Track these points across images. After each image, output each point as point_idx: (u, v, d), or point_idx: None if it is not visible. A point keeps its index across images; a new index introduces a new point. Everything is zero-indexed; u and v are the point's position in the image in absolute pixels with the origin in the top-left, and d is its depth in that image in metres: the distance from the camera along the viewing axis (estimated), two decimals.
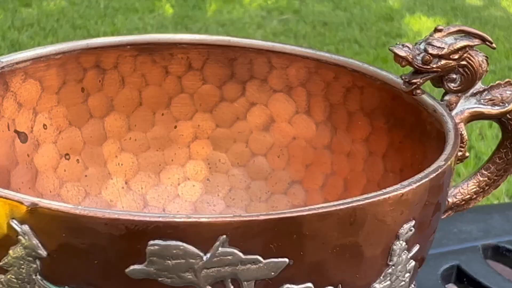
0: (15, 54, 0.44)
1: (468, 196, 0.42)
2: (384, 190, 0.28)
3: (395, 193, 0.28)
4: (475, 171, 0.43)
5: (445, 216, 0.43)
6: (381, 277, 0.30)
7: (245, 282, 0.26)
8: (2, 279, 0.27)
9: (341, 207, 0.26)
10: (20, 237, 0.26)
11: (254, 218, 0.25)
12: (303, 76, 0.49)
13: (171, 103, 0.51)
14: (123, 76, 0.49)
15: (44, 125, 0.47)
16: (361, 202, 0.27)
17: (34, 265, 0.26)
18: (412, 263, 0.31)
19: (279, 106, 0.51)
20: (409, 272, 0.31)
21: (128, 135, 0.51)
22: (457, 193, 0.42)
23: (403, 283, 0.31)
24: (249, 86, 0.51)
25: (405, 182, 0.29)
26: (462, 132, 0.39)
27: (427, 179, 0.29)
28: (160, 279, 0.26)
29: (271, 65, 0.50)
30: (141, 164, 0.51)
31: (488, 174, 0.42)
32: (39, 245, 0.26)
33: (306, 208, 0.26)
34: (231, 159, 0.52)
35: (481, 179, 0.42)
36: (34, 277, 0.27)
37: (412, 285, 0.36)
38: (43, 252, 0.26)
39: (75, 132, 0.48)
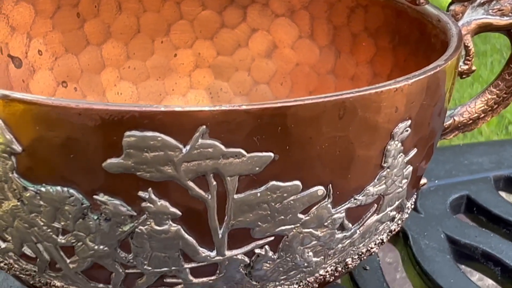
0: None
1: (476, 115, 0.41)
2: (377, 85, 0.26)
3: (388, 87, 0.26)
4: (483, 89, 0.41)
5: (452, 136, 0.41)
6: (376, 180, 0.28)
7: (228, 178, 0.25)
8: None
9: (329, 99, 0.25)
10: None
11: (235, 108, 0.24)
12: None
13: (170, 30, 0.50)
14: (120, 1, 0.48)
15: (39, 50, 0.46)
16: (350, 95, 0.25)
17: (10, 162, 0.25)
18: (410, 168, 0.30)
19: (282, 31, 0.49)
20: (406, 179, 0.30)
21: (127, 64, 0.49)
22: (464, 112, 0.40)
23: (399, 189, 0.30)
24: (250, 11, 0.49)
25: (400, 78, 0.27)
26: (468, 44, 0.37)
27: (424, 75, 0.28)
28: (138, 173, 0.24)
29: None
30: (141, 94, 0.50)
31: (497, 92, 0.40)
32: (14, 140, 0.25)
33: (291, 99, 0.25)
34: (233, 88, 0.51)
35: (489, 97, 0.40)
36: (10, 175, 0.26)
37: (410, 204, 0.34)
38: (17, 148, 0.25)
39: (72, 59, 0.47)
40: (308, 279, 0.30)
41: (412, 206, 0.34)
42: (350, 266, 0.31)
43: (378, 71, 0.44)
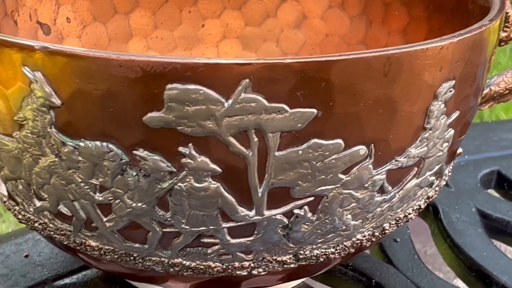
0: None
1: None
2: (423, 42, 0.26)
3: (434, 45, 0.26)
4: None
5: (487, 107, 0.40)
6: (417, 142, 0.28)
7: (270, 134, 0.24)
8: (18, 136, 0.26)
9: (374, 54, 0.24)
10: (33, 85, 0.25)
11: (279, 61, 0.23)
12: None
13: (198, 0, 0.49)
14: None
15: (68, 18, 0.45)
16: (396, 51, 0.25)
17: (49, 116, 0.25)
18: (451, 131, 0.29)
19: (311, 1, 0.48)
20: (447, 142, 0.29)
21: (154, 33, 0.49)
22: (500, 81, 0.39)
23: (440, 153, 0.29)
24: None
25: (446, 36, 0.27)
26: (508, 11, 0.36)
27: (469, 34, 0.27)
28: (179, 127, 0.24)
29: None
30: None
31: None
32: (53, 93, 0.24)
33: (336, 54, 0.24)
34: None
35: None
36: (49, 129, 0.25)
37: (448, 171, 0.34)
38: (56, 101, 0.25)
39: (100, 28, 0.47)
40: (345, 243, 0.30)
41: (450, 174, 0.34)
42: (387, 231, 0.31)
43: (411, 40, 0.43)
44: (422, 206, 0.32)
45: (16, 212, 0.31)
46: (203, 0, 0.49)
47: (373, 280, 0.39)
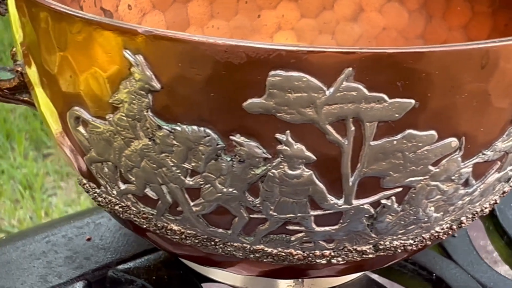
0: None
1: None
2: None
3: None
4: None
5: None
6: (504, 136, 0.28)
7: (367, 123, 0.24)
8: (111, 119, 0.27)
9: (474, 46, 0.24)
10: (133, 69, 0.25)
11: (382, 51, 0.23)
12: None
13: None
14: None
15: (129, 5, 0.45)
16: (494, 44, 0.25)
17: (146, 100, 0.25)
18: None
19: None
20: None
21: (211, 23, 0.49)
22: None
23: None
24: None
25: None
26: None
27: None
28: (278, 114, 0.24)
29: None
30: None
31: None
32: (153, 77, 0.25)
33: (437, 45, 0.24)
34: None
35: None
36: (145, 113, 0.26)
37: None
38: (156, 85, 0.25)
39: (159, 16, 0.47)
40: (423, 235, 0.30)
41: None
42: (463, 225, 0.31)
43: (473, 36, 0.43)
44: (498, 201, 0.32)
45: (96, 194, 0.31)
46: None
47: (434, 274, 0.39)
